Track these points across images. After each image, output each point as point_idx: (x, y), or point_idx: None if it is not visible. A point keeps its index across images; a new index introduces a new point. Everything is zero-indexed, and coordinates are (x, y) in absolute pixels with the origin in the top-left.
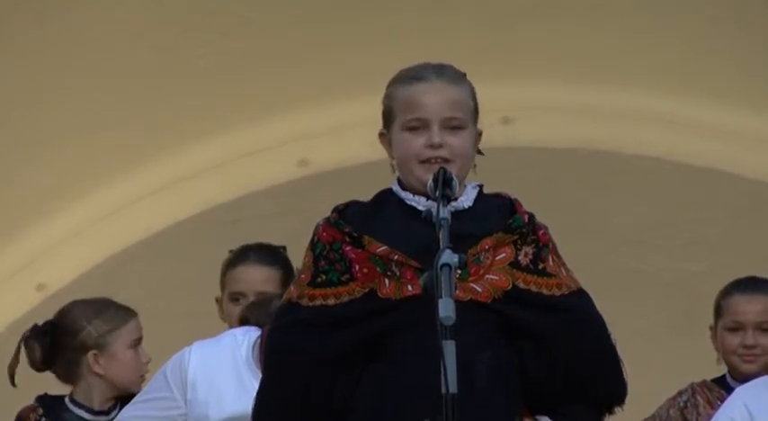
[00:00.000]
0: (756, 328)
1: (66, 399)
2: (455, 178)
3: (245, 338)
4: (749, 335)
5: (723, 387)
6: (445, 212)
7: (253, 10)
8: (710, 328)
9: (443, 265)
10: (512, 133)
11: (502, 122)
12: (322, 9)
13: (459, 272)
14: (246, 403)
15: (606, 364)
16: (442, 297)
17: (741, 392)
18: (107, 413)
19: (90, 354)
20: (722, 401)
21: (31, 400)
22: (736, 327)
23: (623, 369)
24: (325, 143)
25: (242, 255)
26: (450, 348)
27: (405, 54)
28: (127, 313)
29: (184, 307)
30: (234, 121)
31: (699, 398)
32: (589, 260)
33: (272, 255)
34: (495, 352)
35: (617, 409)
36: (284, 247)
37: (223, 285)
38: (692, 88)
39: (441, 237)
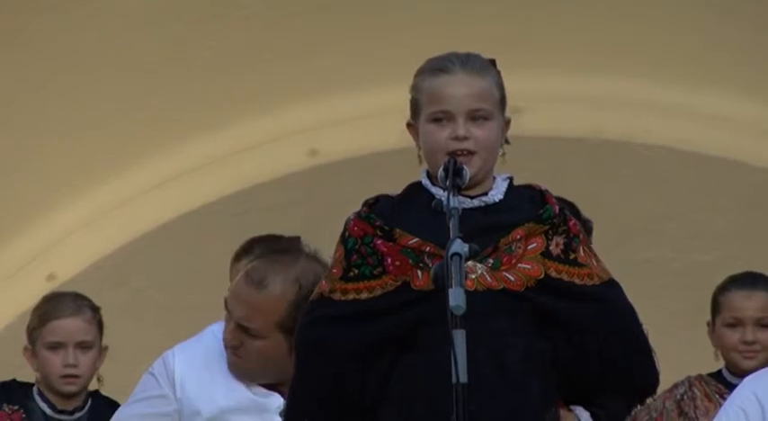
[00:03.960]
0: (756, 324)
1: (35, 389)
2: (465, 168)
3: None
4: (748, 330)
5: (720, 381)
6: (455, 202)
7: (262, 1)
8: (708, 324)
9: (453, 255)
10: (521, 123)
11: (512, 112)
12: (330, 1)
13: (491, 261)
14: (238, 395)
15: (638, 354)
16: (452, 286)
17: (750, 382)
18: (69, 413)
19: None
20: (720, 395)
21: None
22: (735, 323)
23: (655, 359)
24: (336, 133)
25: (246, 250)
26: (460, 338)
27: (413, 46)
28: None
29: (193, 298)
30: (243, 112)
31: (696, 391)
32: (598, 250)
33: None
34: (528, 340)
35: (648, 400)
36: (298, 238)
37: (230, 279)
38: (701, 78)
39: (450, 226)
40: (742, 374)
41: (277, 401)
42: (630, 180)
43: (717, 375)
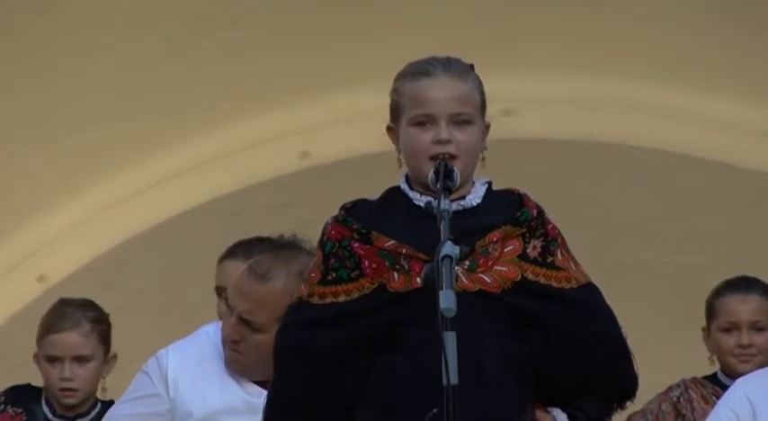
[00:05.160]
0: (751, 328)
1: (44, 393)
2: (456, 171)
3: (218, 334)
4: (744, 334)
5: (716, 384)
6: (446, 204)
7: (256, 1)
8: (703, 330)
9: (444, 257)
10: (513, 125)
11: (503, 114)
12: (325, 1)
13: (467, 263)
14: (230, 396)
15: (616, 357)
16: (443, 288)
17: (741, 383)
18: (72, 419)
19: None
20: (717, 397)
21: None
22: (731, 328)
23: (634, 363)
24: (327, 135)
25: (230, 251)
26: (450, 339)
27: (407, 46)
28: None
29: (186, 299)
30: (236, 113)
31: (692, 393)
32: (589, 252)
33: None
34: (504, 342)
35: (628, 404)
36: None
37: (216, 280)
38: (694, 80)
39: (441, 228)
40: (737, 378)
41: None
42: (623, 182)
43: (712, 378)
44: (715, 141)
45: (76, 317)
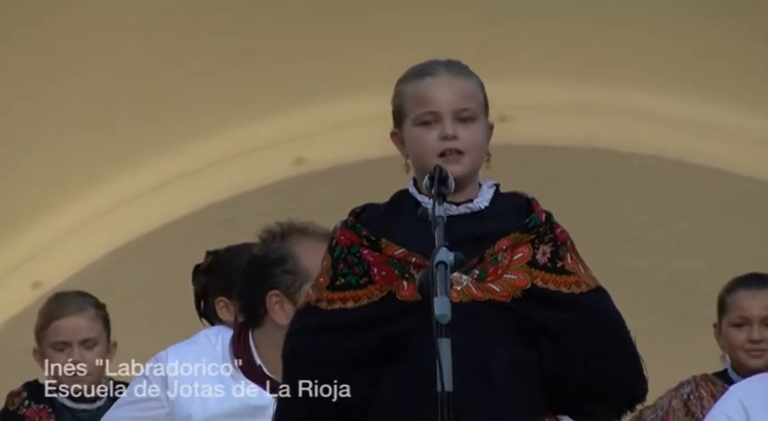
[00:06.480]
0: (762, 323)
1: (54, 385)
2: (450, 177)
3: (218, 338)
4: (755, 329)
5: (726, 381)
6: (440, 210)
7: (250, 8)
8: (714, 326)
9: (439, 263)
10: (509, 131)
11: (500, 120)
12: (319, 8)
13: (477, 272)
14: (229, 399)
15: (625, 361)
16: (437, 295)
17: (736, 389)
18: (90, 401)
19: None
20: None
21: None
22: (742, 323)
23: (643, 366)
24: (322, 141)
25: (212, 264)
26: (445, 346)
27: (402, 51)
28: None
29: (180, 305)
30: (230, 120)
31: (702, 391)
32: (586, 258)
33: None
34: (514, 351)
35: (638, 407)
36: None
37: (194, 292)
38: (690, 86)
39: (436, 235)
40: (748, 374)
41: (270, 404)
42: (619, 188)
43: (722, 375)
44: (711, 148)
45: (79, 303)
